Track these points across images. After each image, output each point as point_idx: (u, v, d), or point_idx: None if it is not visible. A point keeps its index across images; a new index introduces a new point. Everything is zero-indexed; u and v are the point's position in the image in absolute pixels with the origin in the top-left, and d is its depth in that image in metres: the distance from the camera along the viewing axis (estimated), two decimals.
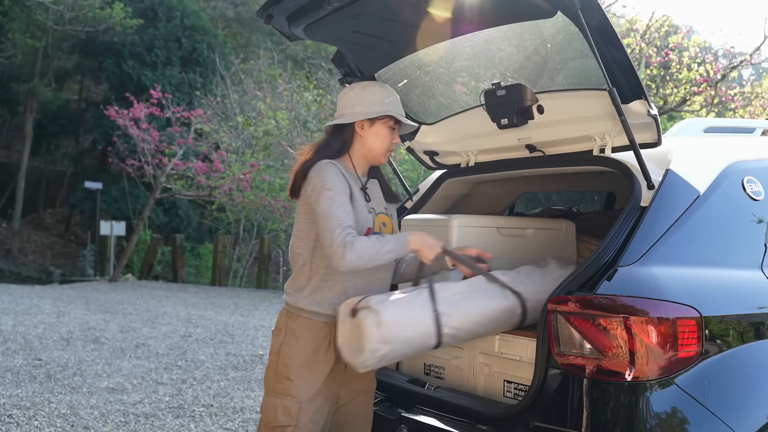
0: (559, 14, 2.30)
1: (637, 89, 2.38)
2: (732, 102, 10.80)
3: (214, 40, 22.15)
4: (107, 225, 17.58)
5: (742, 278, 2.37)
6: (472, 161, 3.22)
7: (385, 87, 2.51)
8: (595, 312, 2.08)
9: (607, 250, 2.21)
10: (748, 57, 10.43)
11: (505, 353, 2.63)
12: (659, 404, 2.03)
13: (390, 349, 2.20)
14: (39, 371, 5.92)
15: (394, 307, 2.23)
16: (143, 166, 15.80)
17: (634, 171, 2.43)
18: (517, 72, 2.90)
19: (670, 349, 2.05)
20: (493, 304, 2.39)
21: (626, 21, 11.44)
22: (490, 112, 2.87)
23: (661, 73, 10.74)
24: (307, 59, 19.64)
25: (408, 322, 2.22)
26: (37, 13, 19.39)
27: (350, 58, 3.04)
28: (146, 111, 15.60)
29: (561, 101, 2.71)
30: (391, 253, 2.28)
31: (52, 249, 24.32)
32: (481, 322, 2.37)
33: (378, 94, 2.44)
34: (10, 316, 8.87)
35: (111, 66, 21.60)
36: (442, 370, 2.92)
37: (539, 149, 2.90)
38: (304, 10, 2.63)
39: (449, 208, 3.51)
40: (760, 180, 2.56)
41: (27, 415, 4.62)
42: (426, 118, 3.29)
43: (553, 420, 2.13)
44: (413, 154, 3.44)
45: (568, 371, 2.11)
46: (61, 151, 27.84)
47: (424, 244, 2.36)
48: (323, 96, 13.38)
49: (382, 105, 2.42)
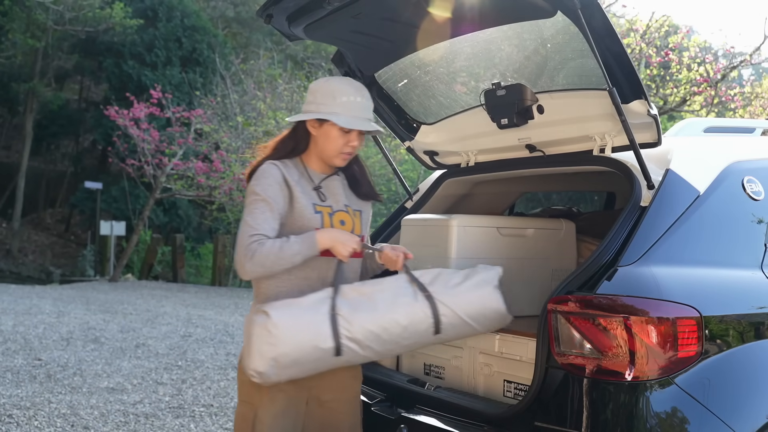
0: (559, 14, 2.30)
1: (637, 89, 2.38)
2: (732, 102, 10.80)
3: (214, 40, 22.15)
4: (107, 225, 17.58)
5: (742, 278, 2.37)
6: (472, 161, 3.22)
7: (346, 84, 2.30)
8: (595, 312, 2.08)
9: (607, 250, 2.21)
10: (748, 57, 10.43)
11: (505, 353, 2.63)
12: (659, 404, 2.03)
13: (280, 353, 2.05)
14: (39, 371, 5.92)
15: (288, 308, 2.11)
16: (143, 166, 15.80)
17: (634, 171, 2.43)
18: (517, 72, 2.90)
19: (670, 348, 2.05)
20: (401, 308, 2.18)
21: (626, 21, 11.45)
22: (490, 112, 2.87)
23: (661, 73, 10.74)
24: (307, 59, 19.65)
25: (301, 325, 2.08)
26: (37, 13, 19.39)
27: (350, 58, 3.04)
28: (146, 111, 15.60)
29: (561, 101, 2.72)
30: (298, 256, 2.16)
31: (52, 249, 24.32)
32: (388, 329, 2.14)
33: (331, 93, 2.26)
34: (10, 316, 8.87)
35: (111, 66, 21.60)
36: (442, 369, 2.92)
37: (539, 149, 2.90)
38: (304, 9, 2.62)
39: (449, 208, 3.51)
40: (760, 180, 2.56)
41: (27, 415, 4.62)
42: (426, 118, 3.29)
43: (553, 420, 2.13)
44: (413, 154, 3.44)
45: (568, 371, 2.11)
46: (61, 151, 27.84)
47: (336, 241, 2.22)
48: None
49: (331, 106, 2.24)
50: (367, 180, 2.47)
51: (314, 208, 2.27)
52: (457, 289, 2.26)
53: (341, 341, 2.10)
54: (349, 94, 2.27)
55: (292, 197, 2.24)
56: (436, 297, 2.22)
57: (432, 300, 2.21)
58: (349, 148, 2.30)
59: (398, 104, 3.26)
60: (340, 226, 2.31)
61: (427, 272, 2.31)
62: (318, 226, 2.26)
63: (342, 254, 2.21)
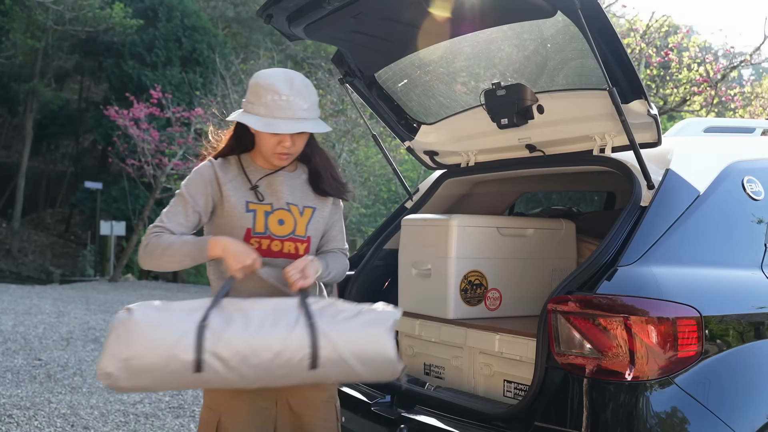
0: (559, 14, 2.30)
1: (637, 89, 2.39)
2: (732, 102, 10.80)
3: (214, 40, 22.14)
4: (107, 225, 17.59)
5: (742, 278, 2.37)
6: (472, 161, 3.22)
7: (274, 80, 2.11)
8: (595, 312, 2.09)
9: (607, 250, 2.22)
10: (748, 57, 10.43)
11: (505, 353, 2.64)
12: (659, 404, 2.03)
13: (133, 354, 1.87)
14: (39, 371, 5.92)
15: (156, 310, 1.96)
16: (143, 166, 15.80)
17: (634, 171, 2.43)
18: (517, 72, 2.90)
19: (670, 348, 2.05)
20: (276, 332, 1.95)
21: (626, 21, 11.45)
22: (490, 111, 2.87)
23: (661, 73, 10.74)
24: (307, 59, 19.63)
25: (163, 329, 1.91)
26: (37, 13, 19.39)
27: (350, 58, 3.04)
28: (146, 111, 15.60)
29: (561, 101, 2.72)
30: (187, 258, 2.10)
31: (52, 249, 24.32)
32: (258, 352, 1.92)
33: (257, 91, 2.11)
34: (10, 316, 8.87)
35: (111, 66, 21.59)
36: (442, 369, 2.93)
37: (539, 149, 2.90)
38: (304, 9, 2.63)
39: (449, 208, 3.51)
40: (760, 180, 2.56)
41: (27, 415, 4.62)
42: (426, 118, 3.29)
43: (553, 420, 2.13)
44: (413, 154, 3.44)
45: (568, 371, 2.11)
46: (61, 151, 27.85)
47: (228, 253, 2.07)
48: (323, 96, 13.38)
49: (256, 105, 2.10)
50: (330, 175, 2.32)
51: (246, 206, 2.19)
52: (346, 323, 2.02)
53: (203, 356, 1.89)
54: (275, 92, 2.09)
55: (222, 196, 2.19)
56: (319, 327, 1.97)
57: (313, 329, 1.97)
58: (282, 149, 2.14)
59: (398, 104, 3.26)
60: (278, 226, 2.20)
61: (320, 300, 2.10)
62: (249, 225, 2.18)
63: (232, 268, 2.06)
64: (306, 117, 2.11)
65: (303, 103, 2.11)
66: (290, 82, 2.11)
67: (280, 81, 2.10)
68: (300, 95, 2.11)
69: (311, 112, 2.13)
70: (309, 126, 2.12)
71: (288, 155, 2.18)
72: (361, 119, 11.54)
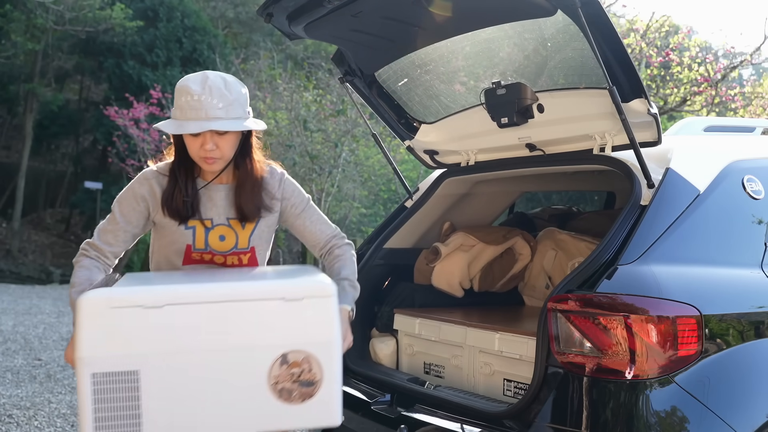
0: (559, 13, 2.30)
1: (637, 88, 2.39)
2: (732, 102, 10.80)
3: (214, 41, 22.14)
4: None
5: (742, 277, 2.37)
6: (472, 160, 3.22)
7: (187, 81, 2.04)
8: (595, 310, 2.08)
9: (607, 249, 2.22)
10: (749, 57, 10.43)
11: (504, 352, 2.64)
12: (659, 403, 2.03)
13: None
14: (39, 371, 5.91)
15: None
16: (143, 166, 15.78)
17: (634, 170, 2.43)
18: (518, 71, 2.90)
19: (670, 347, 2.05)
20: None
21: (626, 21, 11.45)
22: (490, 111, 2.87)
23: (661, 73, 10.74)
24: (307, 59, 19.63)
25: None
26: (38, 14, 19.38)
27: (350, 57, 3.04)
28: (146, 111, 15.61)
29: (561, 100, 2.72)
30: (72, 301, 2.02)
31: (52, 249, 24.30)
32: None
33: (175, 96, 2.05)
34: (10, 316, 8.87)
35: (111, 66, 21.59)
36: (442, 368, 2.93)
37: (539, 148, 2.90)
38: (304, 8, 2.63)
39: (449, 208, 3.51)
40: (760, 179, 2.56)
41: (27, 415, 4.62)
42: (426, 117, 3.29)
43: (553, 418, 2.13)
44: (413, 154, 3.44)
45: (568, 370, 2.11)
46: (61, 151, 27.83)
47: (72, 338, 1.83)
48: (323, 96, 13.38)
49: (174, 108, 2.06)
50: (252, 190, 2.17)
51: (186, 222, 2.14)
52: None
53: None
54: (187, 93, 2.02)
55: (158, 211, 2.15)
56: None
57: None
58: (204, 152, 2.05)
59: (398, 103, 3.26)
60: (219, 242, 2.16)
61: None
62: (189, 242, 2.15)
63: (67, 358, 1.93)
64: (221, 116, 2.01)
65: (217, 102, 2.01)
66: (204, 81, 2.03)
67: (192, 82, 2.04)
68: (214, 94, 2.01)
69: (229, 111, 2.02)
70: (221, 125, 2.01)
71: (214, 159, 2.07)
72: (361, 119, 11.54)
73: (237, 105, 2.05)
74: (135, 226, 2.18)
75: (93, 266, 2.15)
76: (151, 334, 1.75)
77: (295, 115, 12.79)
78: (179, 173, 2.16)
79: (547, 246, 3.46)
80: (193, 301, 1.79)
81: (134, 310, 1.75)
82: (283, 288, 1.85)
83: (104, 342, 1.73)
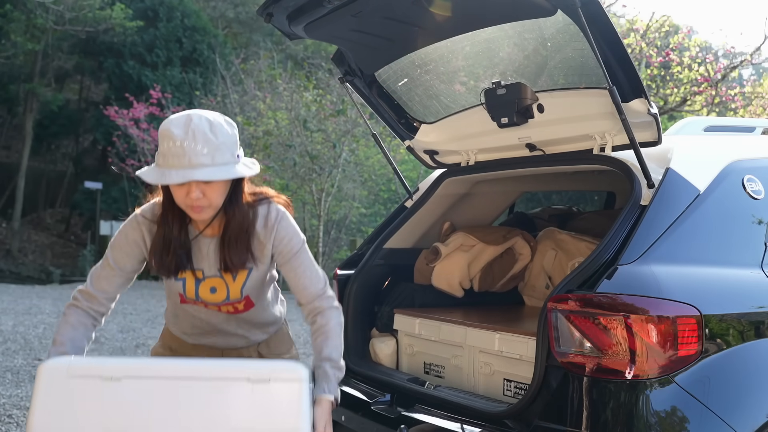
0: (559, 13, 2.30)
1: (637, 88, 2.39)
2: (732, 102, 10.80)
3: (214, 40, 22.15)
4: (107, 225, 17.59)
5: (742, 277, 2.36)
6: (472, 160, 3.22)
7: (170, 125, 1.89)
8: (595, 310, 2.08)
9: (607, 249, 2.21)
10: (749, 57, 10.43)
11: (504, 352, 2.64)
12: (659, 403, 2.03)
13: None
14: None
15: None
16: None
17: (634, 170, 2.43)
18: (518, 71, 2.90)
19: (670, 347, 2.05)
20: None
21: (626, 21, 11.45)
22: (490, 111, 2.87)
23: (661, 73, 10.74)
24: (307, 59, 19.63)
25: None
26: (38, 14, 19.39)
27: (350, 57, 3.04)
28: (146, 111, 15.62)
29: (561, 100, 2.71)
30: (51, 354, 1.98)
31: (52, 249, 24.31)
32: None
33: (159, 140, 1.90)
34: (10, 316, 8.87)
35: (111, 66, 21.60)
36: (442, 368, 2.93)
37: (539, 148, 2.90)
38: (304, 8, 2.63)
39: (449, 208, 3.51)
40: (760, 179, 2.56)
41: (27, 415, 4.62)
42: (426, 117, 3.29)
43: (553, 418, 2.13)
44: (413, 154, 3.44)
45: (568, 370, 2.11)
46: (61, 151, 27.83)
47: None
48: (323, 96, 13.38)
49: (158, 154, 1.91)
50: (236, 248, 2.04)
51: (177, 273, 2.07)
52: None
53: None
54: (169, 139, 1.86)
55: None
56: None
57: None
58: (190, 201, 1.91)
59: (398, 103, 3.26)
60: (210, 294, 2.09)
61: None
62: (180, 291, 2.11)
63: None
64: (206, 163, 1.85)
65: (201, 148, 1.84)
66: (187, 125, 1.86)
67: (175, 125, 1.87)
68: (197, 139, 1.85)
69: (215, 156, 1.86)
70: (205, 173, 1.85)
71: (202, 207, 1.94)
72: (361, 119, 11.54)
73: (224, 149, 1.89)
74: (130, 270, 2.11)
75: (80, 324, 2.08)
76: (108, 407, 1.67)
77: (295, 115, 12.79)
78: (168, 223, 2.04)
79: (547, 246, 3.46)
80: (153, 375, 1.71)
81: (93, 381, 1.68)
82: (249, 367, 1.76)
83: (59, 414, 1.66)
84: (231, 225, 2.02)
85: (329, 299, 2.09)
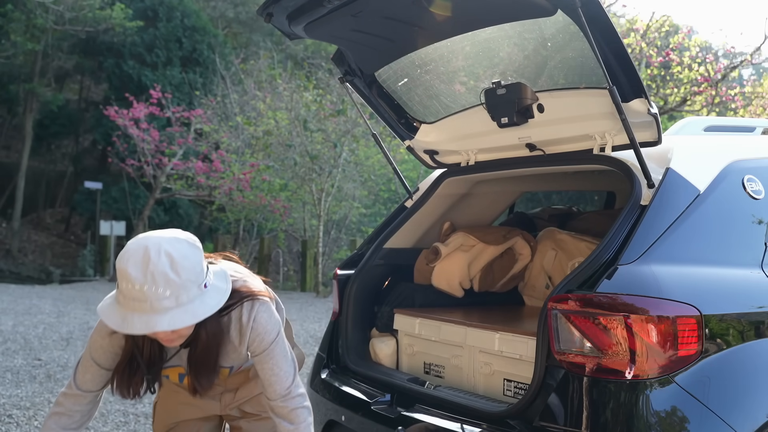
0: (559, 13, 2.30)
1: (637, 88, 2.38)
2: (732, 102, 10.80)
3: (214, 40, 22.15)
4: (107, 225, 17.59)
5: (742, 277, 2.36)
6: (472, 160, 3.22)
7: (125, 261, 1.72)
8: (595, 310, 2.08)
9: (607, 249, 2.21)
10: (749, 57, 10.44)
11: (504, 352, 2.63)
12: (659, 403, 2.03)
13: None
14: (39, 371, 5.91)
15: None
16: (143, 166, 15.81)
17: (634, 169, 2.43)
18: (518, 71, 2.90)
19: (670, 347, 2.05)
20: None
21: (626, 21, 11.45)
22: (490, 110, 2.87)
23: (661, 73, 10.74)
24: (307, 59, 19.64)
25: None
26: (37, 14, 19.38)
27: (350, 57, 3.04)
28: (146, 111, 15.63)
29: (561, 100, 2.71)
30: None
31: (52, 249, 24.30)
32: None
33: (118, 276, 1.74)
34: (10, 316, 8.87)
35: (111, 66, 21.59)
36: (442, 368, 2.93)
37: (539, 148, 2.90)
38: (304, 8, 2.63)
39: (449, 208, 3.51)
40: (760, 179, 2.55)
41: (27, 415, 4.62)
42: (426, 117, 3.29)
43: (553, 418, 2.13)
44: (413, 153, 3.44)
45: (568, 370, 2.11)
46: (61, 151, 27.82)
47: None
48: (323, 96, 13.39)
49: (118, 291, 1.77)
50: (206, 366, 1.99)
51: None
52: None
53: None
54: (127, 280, 1.70)
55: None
56: None
57: None
58: (158, 336, 1.84)
59: (398, 103, 3.26)
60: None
61: None
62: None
63: None
64: (169, 307, 1.70)
65: (163, 291, 1.69)
66: (145, 265, 1.69)
67: (132, 266, 1.69)
68: (158, 282, 1.69)
69: (179, 297, 1.71)
70: (170, 319, 1.70)
71: (172, 339, 1.86)
72: (361, 119, 11.54)
73: (189, 285, 1.73)
74: (112, 363, 2.01)
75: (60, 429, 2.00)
76: None
77: (295, 115, 12.79)
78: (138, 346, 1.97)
79: (547, 246, 3.46)
80: None
81: None
82: None
83: None
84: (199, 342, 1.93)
85: (297, 399, 2.01)
